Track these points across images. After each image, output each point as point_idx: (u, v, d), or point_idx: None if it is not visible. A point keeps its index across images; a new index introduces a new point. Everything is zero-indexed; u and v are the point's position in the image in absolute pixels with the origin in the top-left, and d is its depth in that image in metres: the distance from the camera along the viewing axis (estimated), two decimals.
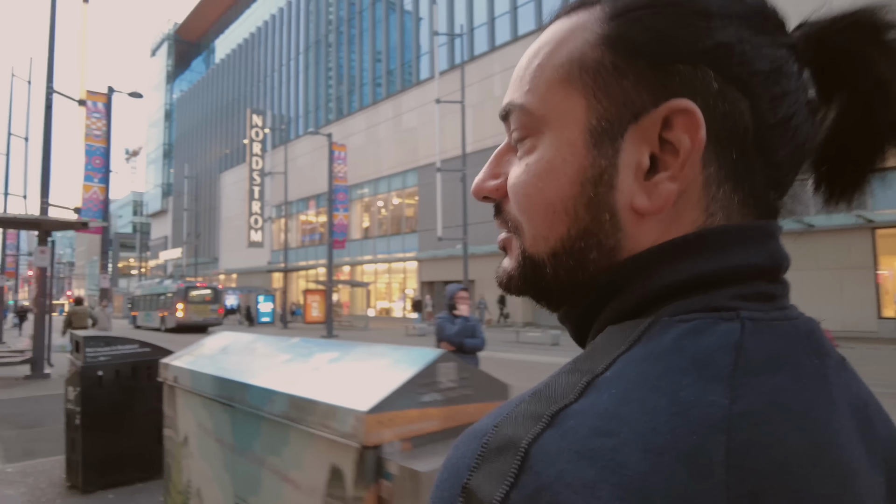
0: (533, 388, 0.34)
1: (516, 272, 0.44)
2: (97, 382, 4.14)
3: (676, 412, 0.29)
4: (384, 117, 33.46)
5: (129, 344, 4.32)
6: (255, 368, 2.18)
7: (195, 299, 27.72)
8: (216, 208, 51.96)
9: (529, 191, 0.41)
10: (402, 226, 32.67)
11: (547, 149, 0.40)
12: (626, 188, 0.38)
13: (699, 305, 0.35)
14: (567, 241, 0.40)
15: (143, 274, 63.08)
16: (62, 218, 11.23)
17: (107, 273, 17.41)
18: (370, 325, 27.70)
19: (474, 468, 0.30)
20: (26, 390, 9.58)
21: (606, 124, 0.38)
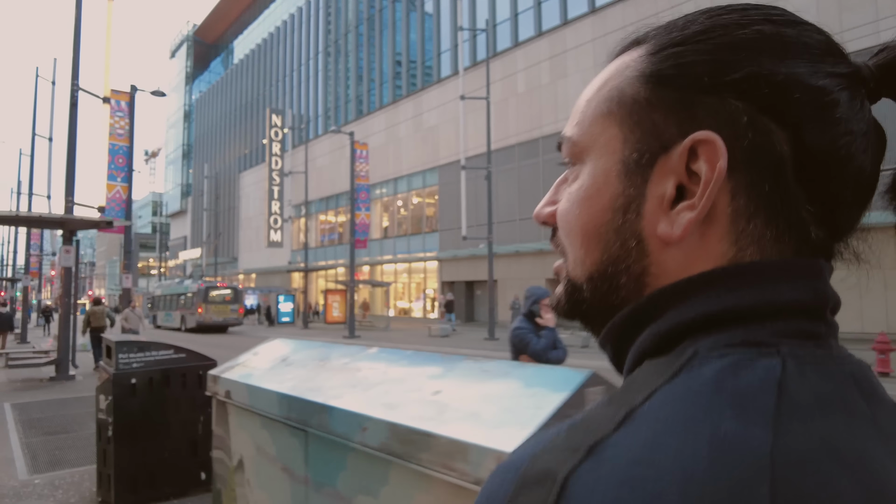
0: (570, 420, 0.35)
1: (563, 296, 0.46)
2: (130, 391, 3.82)
3: (716, 451, 0.28)
4: (404, 116, 33.16)
5: (162, 349, 4.00)
6: (333, 385, 1.81)
7: (215, 299, 27.62)
8: (235, 208, 52.09)
9: (569, 217, 0.43)
10: (423, 225, 32.35)
11: (586, 178, 0.43)
12: (651, 216, 0.39)
13: (737, 339, 0.35)
14: (600, 266, 0.42)
15: (162, 274, 63.52)
16: (87, 217, 11.04)
17: (129, 273, 17.30)
18: (391, 326, 27.37)
19: (511, 499, 0.31)
20: (51, 392, 9.38)
21: (638, 155, 0.40)
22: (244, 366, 2.43)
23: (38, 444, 5.86)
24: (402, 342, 18.94)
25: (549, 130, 24.49)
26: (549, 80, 24.86)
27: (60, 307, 11.02)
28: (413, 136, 32.45)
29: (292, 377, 2.05)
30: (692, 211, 0.37)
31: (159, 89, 18.29)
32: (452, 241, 29.45)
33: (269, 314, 33.64)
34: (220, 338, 23.74)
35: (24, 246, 24.56)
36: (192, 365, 4.09)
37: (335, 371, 1.93)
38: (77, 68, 11.57)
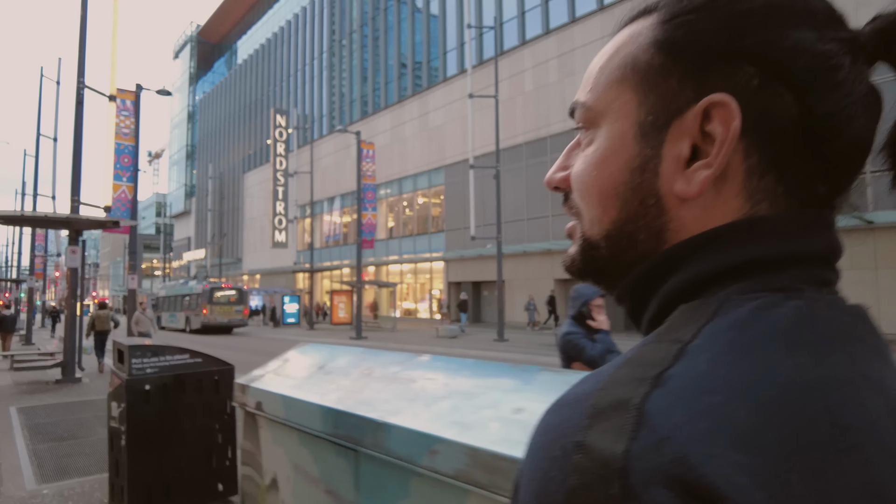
0: (622, 358, 0.36)
1: (578, 255, 0.48)
2: (144, 397, 3.61)
3: (771, 373, 0.32)
4: (409, 116, 32.96)
5: (177, 354, 3.80)
6: (387, 399, 1.59)
7: (220, 300, 27.51)
8: (239, 209, 51.96)
9: (586, 179, 0.45)
10: (429, 225, 32.13)
11: (602, 141, 0.45)
12: (668, 175, 0.41)
13: (764, 285, 0.38)
14: (618, 224, 0.44)
15: (166, 275, 63.43)
16: (93, 217, 10.86)
17: (135, 274, 17.12)
18: (397, 327, 27.15)
19: (587, 427, 0.32)
20: (58, 396, 9.19)
21: (653, 118, 0.42)
22: (276, 374, 2.22)
23: (45, 451, 5.66)
24: (410, 343, 18.72)
25: (557, 129, 24.25)
26: (557, 78, 24.63)
27: (66, 308, 10.83)
28: (419, 136, 32.24)
29: (336, 388, 1.83)
30: (708, 169, 0.40)
31: (165, 88, 18.12)
32: (459, 241, 29.23)
33: (274, 315, 33.47)
34: (227, 339, 23.56)
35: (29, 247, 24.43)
36: (209, 370, 3.89)
37: (386, 381, 1.71)
38: (83, 66, 11.39)
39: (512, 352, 15.00)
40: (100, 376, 11.41)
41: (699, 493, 0.28)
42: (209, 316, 26.79)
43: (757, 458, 0.29)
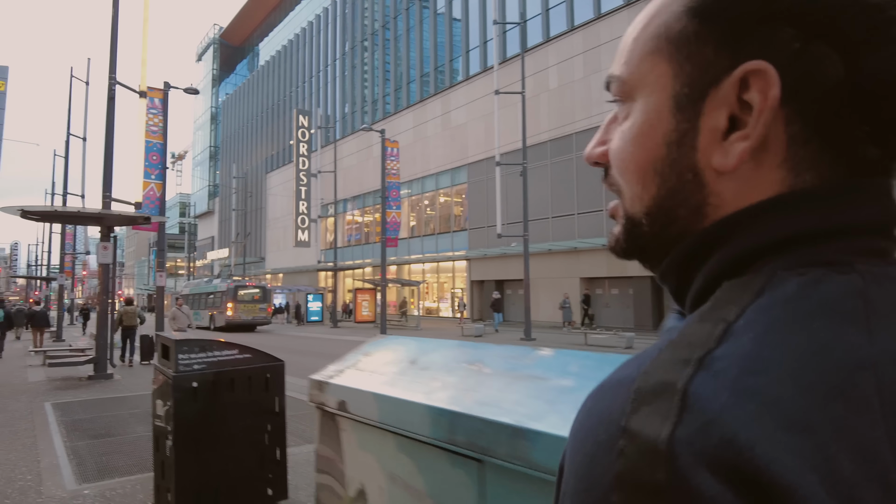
0: (664, 340, 0.36)
1: (621, 235, 0.47)
2: (191, 395, 3.42)
3: (819, 352, 0.31)
4: (432, 114, 32.76)
5: (225, 349, 3.60)
6: (518, 399, 1.35)
7: (244, 298, 27.67)
8: (262, 209, 52.29)
9: (624, 155, 0.44)
10: (451, 224, 31.90)
11: (638, 115, 0.43)
12: (705, 149, 0.40)
13: (812, 259, 0.36)
14: (658, 200, 0.43)
15: (190, 274, 64.13)
16: (125, 212, 10.82)
17: (163, 271, 17.15)
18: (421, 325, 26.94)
19: (631, 412, 0.31)
20: (91, 392, 9.13)
21: (689, 90, 0.40)
22: (358, 369, 1.98)
23: (83, 449, 5.53)
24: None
25: (582, 126, 23.85)
26: (582, 74, 24.22)
27: (98, 305, 10.80)
28: (441, 135, 32.03)
29: (442, 385, 1.59)
30: (745, 140, 0.38)
31: (192, 86, 18.15)
32: (482, 239, 28.95)
33: (298, 313, 33.55)
34: (253, 337, 23.60)
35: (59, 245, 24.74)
36: (259, 366, 3.69)
37: (508, 379, 1.47)
38: (114, 62, 11.37)
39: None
40: (131, 373, 11.38)
41: (749, 476, 0.27)
42: (234, 314, 26.94)
43: (807, 439, 0.28)
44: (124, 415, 7.15)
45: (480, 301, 30.14)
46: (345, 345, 18.95)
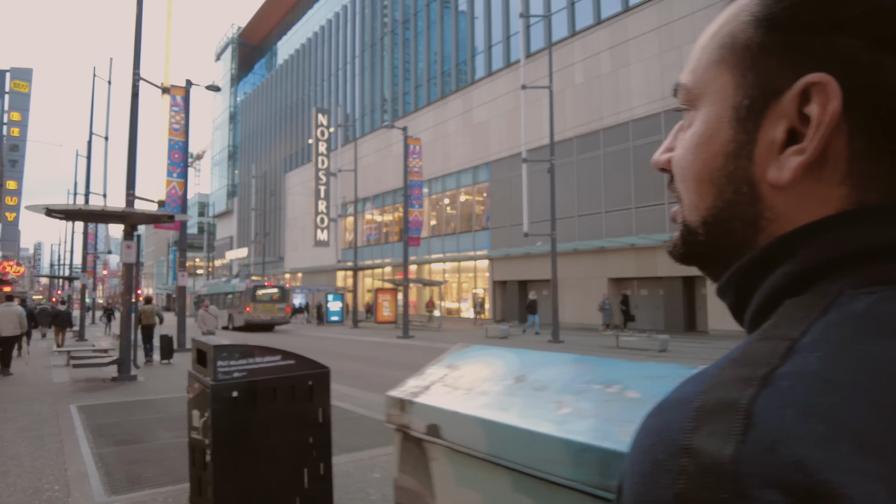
0: (725, 357, 0.34)
1: (679, 240, 0.47)
2: (231, 406, 3.10)
3: (890, 371, 0.29)
4: (453, 112, 32.40)
5: (267, 355, 3.27)
6: None
7: (263, 298, 27.61)
8: (281, 208, 52.37)
9: (683, 164, 0.44)
10: (473, 223, 31.51)
11: (699, 124, 0.43)
12: (762, 161, 0.39)
13: (877, 279, 0.35)
14: (714, 211, 0.42)
15: (209, 273, 64.55)
16: (149, 211, 10.62)
17: (184, 271, 17.01)
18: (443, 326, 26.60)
19: (692, 430, 0.30)
20: (116, 394, 8.92)
21: (750, 101, 0.39)
22: (449, 386, 1.63)
23: (111, 457, 5.26)
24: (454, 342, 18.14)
25: (609, 122, 23.32)
26: (609, 69, 23.69)
27: (122, 305, 10.62)
28: (462, 132, 31.66)
29: (575, 412, 1.24)
30: (801, 155, 0.37)
31: (214, 83, 18.00)
32: (504, 238, 28.52)
33: (319, 313, 33.41)
34: (274, 337, 23.46)
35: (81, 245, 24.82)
36: (302, 374, 3.35)
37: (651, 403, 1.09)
38: (138, 57, 11.19)
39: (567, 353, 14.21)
40: (153, 373, 11.19)
41: (820, 499, 0.26)
42: (252, 314, 26.83)
43: (884, 462, 0.26)
44: (150, 419, 6.90)
45: (503, 301, 29.71)
46: (368, 346, 18.79)
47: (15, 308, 11.73)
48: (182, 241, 17.09)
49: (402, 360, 13.49)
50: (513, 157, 28.09)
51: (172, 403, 7.98)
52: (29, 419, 7.02)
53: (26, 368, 12.27)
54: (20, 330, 11.58)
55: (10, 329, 11.34)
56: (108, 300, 75.55)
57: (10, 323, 11.36)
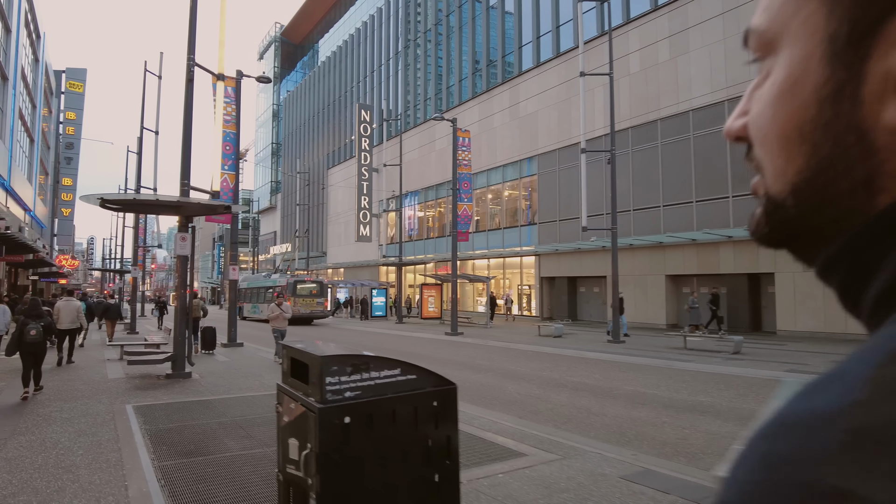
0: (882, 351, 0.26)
1: (762, 218, 0.38)
2: (342, 435, 2.42)
3: None
4: (499, 105, 31.51)
5: (385, 368, 2.58)
6: None
7: (302, 292, 28.12)
8: (324, 204, 52.42)
9: (762, 122, 0.36)
10: (519, 218, 30.59)
11: (780, 71, 0.35)
12: (874, 101, 0.31)
13: None
14: (808, 174, 0.34)
15: (254, 269, 65.34)
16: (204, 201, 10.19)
17: (236, 264, 16.71)
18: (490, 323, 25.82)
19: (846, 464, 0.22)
20: (171, 393, 8.48)
21: (849, 27, 0.31)
22: None
23: (174, 472, 4.70)
24: (512, 342, 17.37)
25: (668, 112, 22.10)
26: (668, 56, 22.44)
27: (176, 299, 10.21)
28: (508, 125, 30.76)
29: None
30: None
31: (264, 74, 17.63)
32: (552, 233, 27.57)
33: (362, 307, 33.07)
34: (318, 331, 23.16)
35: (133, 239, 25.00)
36: (426, 392, 2.66)
37: None
38: (193, 43, 10.77)
39: (629, 353, 13.31)
40: (208, 371, 10.78)
41: None
42: (292, 307, 27.10)
43: None
44: (211, 425, 6.36)
45: (550, 298, 28.76)
46: (417, 342, 18.20)
47: (74, 303, 11.99)
48: (233, 235, 16.80)
49: (458, 359, 12.81)
50: (562, 150, 27.09)
51: (233, 406, 7.47)
52: (86, 421, 6.59)
53: (82, 362, 12.07)
54: (78, 323, 11.78)
55: (69, 322, 11.59)
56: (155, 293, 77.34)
57: (69, 316, 11.62)
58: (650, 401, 8.13)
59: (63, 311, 11.53)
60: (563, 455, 5.13)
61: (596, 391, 8.89)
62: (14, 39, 24.34)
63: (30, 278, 33.63)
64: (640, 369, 11.37)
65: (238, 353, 14.31)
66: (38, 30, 31.61)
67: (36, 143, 31.47)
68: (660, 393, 8.70)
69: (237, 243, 16.88)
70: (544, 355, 13.75)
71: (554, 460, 4.98)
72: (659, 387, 9.24)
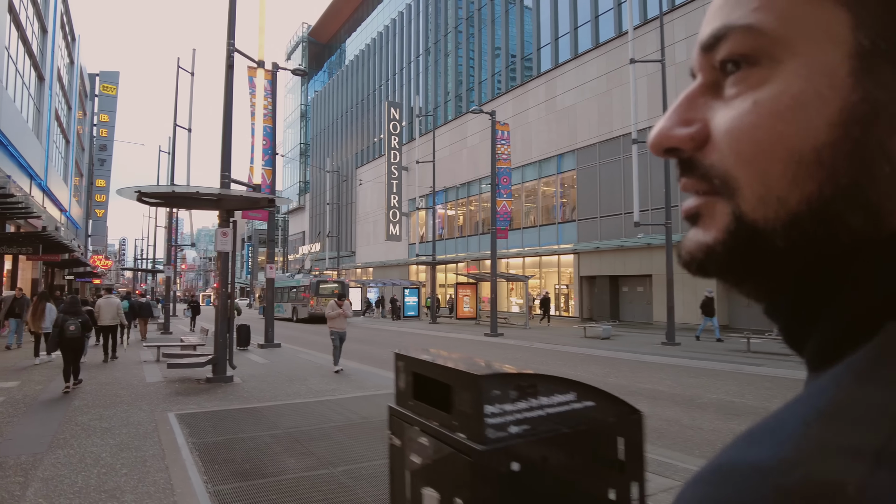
0: (809, 407, 0.26)
1: (721, 245, 0.34)
2: (510, 488, 1.69)
3: None
4: (534, 99, 30.60)
5: (557, 392, 1.84)
6: None
7: (325, 292, 28.92)
8: (352, 203, 52.09)
9: (761, 136, 0.31)
10: (556, 215, 29.64)
11: (791, 80, 0.30)
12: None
13: None
14: (817, 203, 0.30)
15: (283, 268, 65.46)
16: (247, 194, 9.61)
17: (273, 262, 16.21)
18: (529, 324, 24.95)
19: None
20: (215, 400, 7.89)
21: (885, 43, 0.28)
22: None
23: (231, 497, 4.04)
24: (556, 343, 16.53)
25: None
26: None
27: (217, 298, 9.66)
28: (545, 119, 29.83)
29: None
30: None
31: (301, 67, 17.08)
32: (592, 230, 26.60)
33: (394, 307, 32.48)
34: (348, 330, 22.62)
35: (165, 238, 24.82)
36: (608, 423, 1.90)
37: None
38: (233, 28, 10.21)
39: (705, 358, 12.34)
40: (251, 374, 10.21)
41: None
42: (316, 307, 28.04)
43: None
44: (264, 438, 5.71)
45: (590, 298, 27.77)
46: (458, 343, 17.47)
47: (114, 300, 12.44)
48: (270, 232, 16.30)
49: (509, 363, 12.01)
50: (603, 144, 26.10)
51: (283, 415, 6.83)
52: (127, 432, 6.01)
53: (119, 364, 11.64)
54: (118, 320, 12.27)
55: (109, 319, 12.05)
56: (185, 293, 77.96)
57: (110, 313, 12.06)
58: (742, 411, 7.25)
59: (104, 309, 11.98)
60: (682, 479, 4.34)
61: (677, 400, 8.03)
62: (50, 40, 24.35)
63: (66, 278, 33.89)
64: (711, 374, 10.45)
65: (277, 354, 13.76)
66: (73, 32, 31.79)
67: (71, 144, 31.67)
68: (748, 402, 7.81)
69: (273, 240, 16.38)
70: (600, 359, 12.89)
71: (673, 487, 4.19)
72: (744, 395, 8.34)
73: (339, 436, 5.87)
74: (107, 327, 11.98)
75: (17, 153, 17.51)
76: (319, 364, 11.90)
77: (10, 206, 15.58)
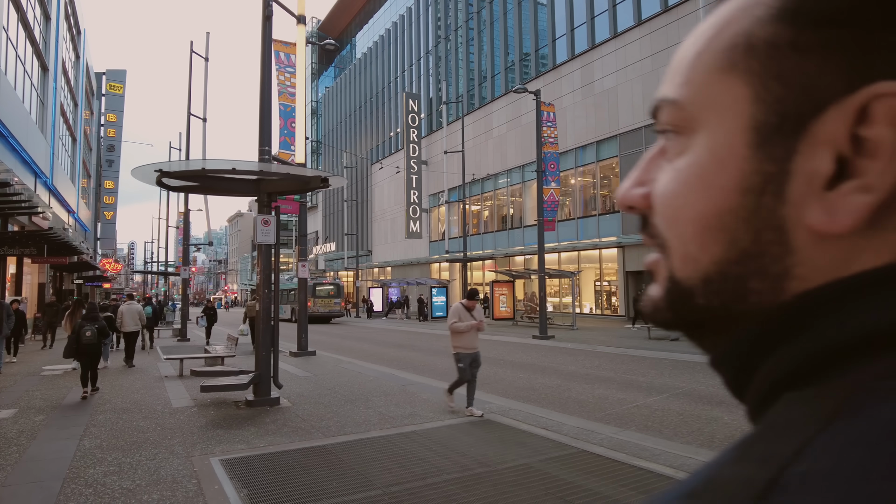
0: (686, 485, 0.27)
1: (662, 301, 0.36)
2: None
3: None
4: (569, 84, 28.63)
5: None
6: None
7: (321, 293, 30.42)
8: (367, 201, 50.31)
9: (676, 202, 0.34)
10: (596, 206, 27.67)
11: (701, 151, 0.33)
12: (798, 200, 0.29)
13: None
14: (722, 265, 0.32)
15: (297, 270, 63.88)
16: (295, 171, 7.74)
17: (305, 260, 14.36)
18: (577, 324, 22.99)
19: None
20: (264, 434, 6.01)
21: (778, 119, 0.30)
22: None
23: None
24: (622, 346, 14.58)
25: None
26: None
27: (259, 301, 7.80)
28: (581, 104, 27.85)
29: None
30: (867, 193, 0.28)
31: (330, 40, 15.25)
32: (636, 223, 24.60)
33: (420, 308, 30.53)
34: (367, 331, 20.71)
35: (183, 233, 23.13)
36: None
37: None
38: None
39: None
40: (297, 393, 8.37)
41: None
42: (312, 308, 28.29)
43: None
44: (341, 492, 3.83)
45: (638, 295, 25.81)
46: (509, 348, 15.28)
47: (136, 306, 12.59)
48: (302, 227, 14.45)
49: (595, 373, 10.04)
50: (650, 127, 24.13)
51: (367, 459, 4.94)
52: (159, 496, 4.15)
53: (136, 382, 9.82)
54: (140, 326, 12.46)
55: (132, 325, 12.20)
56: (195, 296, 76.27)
57: (132, 319, 12.21)
58: None
59: (126, 315, 12.15)
60: None
61: None
62: (54, 29, 22.61)
63: (74, 282, 32.23)
64: None
65: (316, 364, 11.93)
66: (78, 25, 30.13)
67: (78, 143, 30.02)
68: None
69: (306, 235, 14.54)
70: (695, 365, 10.94)
71: None
72: None
73: (464, 498, 4.00)
74: (129, 333, 12.14)
75: (19, 147, 15.76)
76: (371, 377, 10.05)
77: (11, 202, 13.84)
